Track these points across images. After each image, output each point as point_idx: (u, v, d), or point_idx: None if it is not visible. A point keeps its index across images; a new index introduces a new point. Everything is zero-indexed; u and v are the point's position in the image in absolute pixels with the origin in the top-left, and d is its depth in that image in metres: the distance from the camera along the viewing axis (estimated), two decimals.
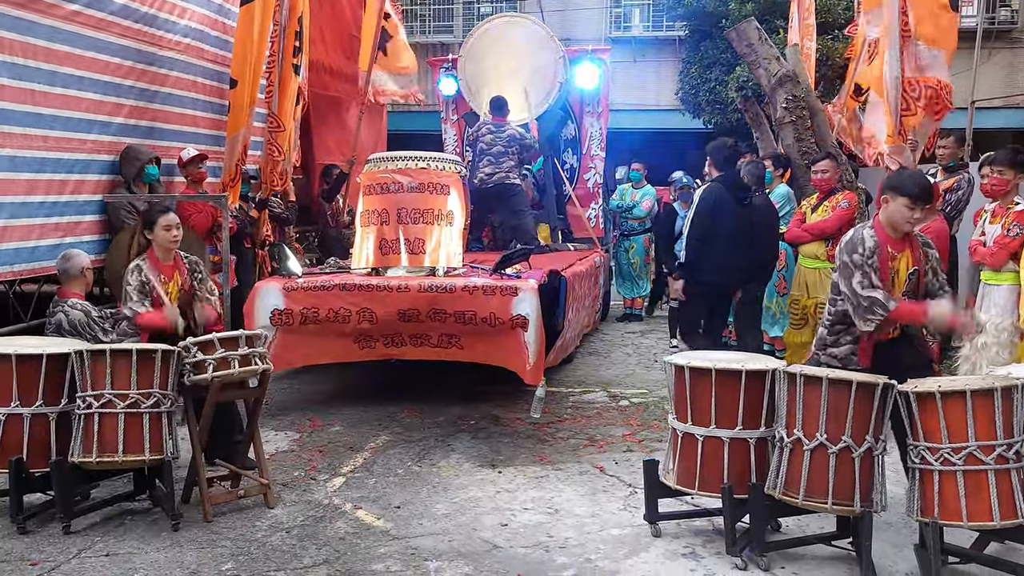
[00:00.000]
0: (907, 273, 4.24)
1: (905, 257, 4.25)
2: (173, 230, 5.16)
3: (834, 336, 4.36)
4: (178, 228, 5.20)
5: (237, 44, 7.78)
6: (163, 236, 5.13)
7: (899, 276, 4.24)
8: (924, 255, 4.32)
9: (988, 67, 16.22)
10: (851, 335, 4.30)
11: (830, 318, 4.36)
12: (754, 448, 4.21)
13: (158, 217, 5.15)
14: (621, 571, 4.04)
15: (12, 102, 6.08)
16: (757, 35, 8.34)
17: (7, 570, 4.02)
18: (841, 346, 4.33)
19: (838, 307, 4.30)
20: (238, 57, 7.74)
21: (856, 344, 4.29)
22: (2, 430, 4.52)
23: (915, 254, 4.28)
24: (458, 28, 18.66)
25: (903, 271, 4.24)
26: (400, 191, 6.74)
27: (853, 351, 4.30)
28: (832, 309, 4.35)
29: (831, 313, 4.36)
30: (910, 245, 4.28)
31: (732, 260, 6.50)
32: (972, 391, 3.74)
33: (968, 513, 3.72)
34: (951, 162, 7.15)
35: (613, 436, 6.13)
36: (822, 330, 4.43)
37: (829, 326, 4.38)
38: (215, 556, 4.17)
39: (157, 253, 5.18)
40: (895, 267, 4.23)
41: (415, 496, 4.98)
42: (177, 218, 5.23)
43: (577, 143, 10.99)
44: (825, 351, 4.38)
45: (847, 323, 4.28)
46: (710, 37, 14.46)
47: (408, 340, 6.35)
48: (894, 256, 4.23)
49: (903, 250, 4.25)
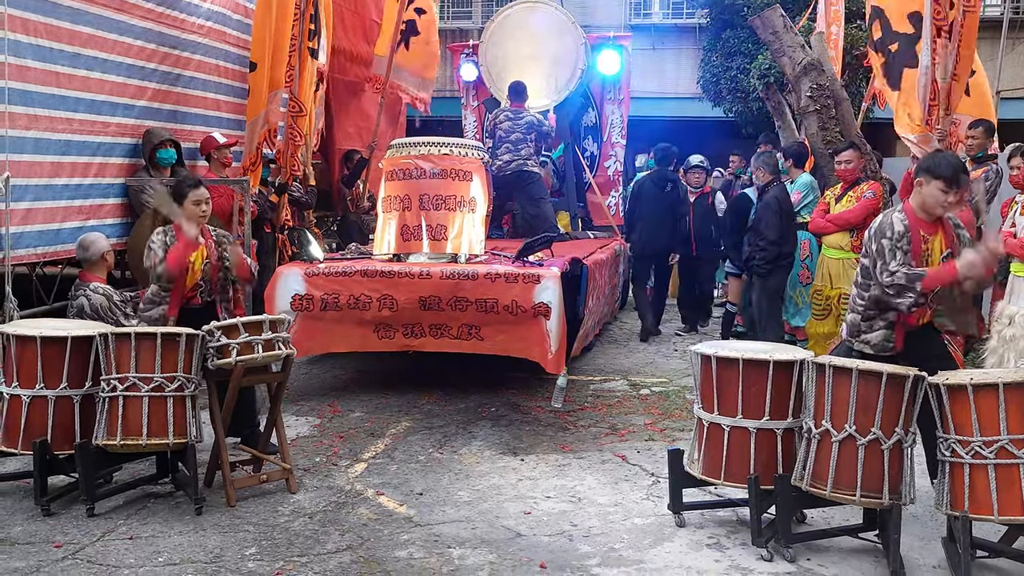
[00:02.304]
0: (940, 256, 4.20)
1: (938, 240, 4.21)
2: (202, 205, 5.12)
3: (868, 322, 4.31)
4: (207, 203, 5.16)
5: (256, 27, 7.76)
6: (192, 210, 5.11)
7: (932, 259, 4.20)
8: (957, 237, 4.27)
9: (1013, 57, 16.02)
10: (884, 320, 4.27)
11: (862, 303, 4.32)
12: (781, 439, 4.17)
13: (188, 191, 5.13)
14: (645, 560, 4.02)
15: (37, 84, 6.09)
16: (782, 23, 8.26)
17: (32, 551, 4.04)
18: (875, 331, 4.29)
19: (872, 292, 4.26)
20: (257, 40, 7.72)
21: (890, 329, 4.26)
22: (27, 412, 4.54)
23: (948, 237, 4.24)
24: (477, 14, 18.60)
25: (936, 254, 4.20)
26: (422, 177, 6.71)
27: (887, 337, 4.26)
28: (864, 295, 4.31)
29: (863, 299, 4.32)
30: (943, 228, 4.24)
31: (652, 234, 9.14)
32: (1005, 384, 3.69)
33: (999, 507, 3.67)
34: (979, 152, 7.06)
35: (634, 425, 6.10)
36: (854, 316, 4.39)
37: (862, 311, 4.34)
38: (238, 540, 4.18)
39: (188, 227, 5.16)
40: (928, 249, 4.20)
41: (437, 483, 4.97)
42: (207, 193, 5.18)
43: (598, 130, 10.91)
44: (859, 338, 4.34)
45: (880, 308, 4.25)
46: (732, 25, 14.33)
47: (428, 331, 6.32)
48: (926, 239, 4.20)
49: (935, 233, 4.22)
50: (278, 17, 7.67)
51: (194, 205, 5.11)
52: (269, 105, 7.78)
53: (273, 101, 7.82)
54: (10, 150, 5.85)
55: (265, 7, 7.64)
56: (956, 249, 4.23)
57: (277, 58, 7.76)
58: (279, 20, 7.69)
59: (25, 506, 4.56)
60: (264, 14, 7.64)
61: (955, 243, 4.25)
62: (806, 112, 8.11)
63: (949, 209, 4.22)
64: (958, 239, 4.27)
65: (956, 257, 4.16)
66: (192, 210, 5.11)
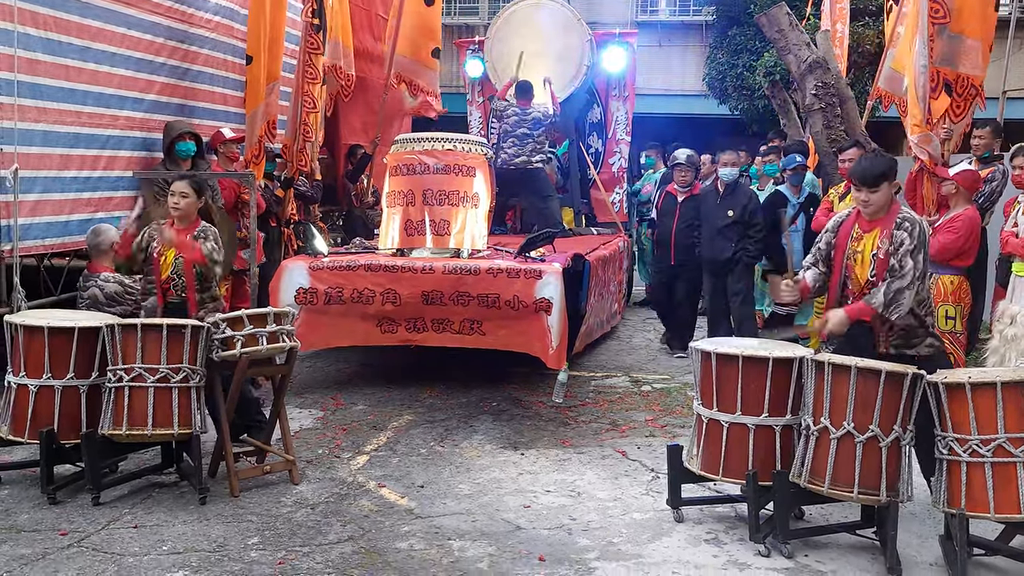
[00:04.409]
0: (871, 253, 4.23)
1: (872, 238, 4.25)
2: (175, 196, 5.07)
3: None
4: (181, 196, 5.05)
5: (251, 19, 7.73)
6: (169, 200, 5.12)
7: (863, 255, 4.26)
8: (890, 238, 4.20)
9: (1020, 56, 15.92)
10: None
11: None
12: (779, 435, 4.20)
13: (171, 185, 5.19)
14: (644, 555, 4.06)
15: (46, 77, 6.14)
16: (788, 21, 8.27)
17: (38, 539, 4.09)
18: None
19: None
20: (252, 32, 7.72)
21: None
22: (34, 402, 4.60)
23: (882, 237, 4.22)
24: (483, 10, 18.60)
25: (867, 251, 4.25)
26: (426, 172, 6.74)
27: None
28: None
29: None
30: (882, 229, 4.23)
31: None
32: (1003, 383, 3.72)
33: (996, 505, 3.71)
34: (986, 153, 7.05)
35: (635, 421, 6.13)
36: None
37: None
38: (241, 531, 4.22)
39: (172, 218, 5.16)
40: (858, 246, 4.28)
41: (438, 476, 5.02)
42: (183, 187, 5.10)
43: (602, 127, 10.92)
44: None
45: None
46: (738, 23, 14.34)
47: (430, 325, 6.36)
48: (860, 237, 4.29)
49: (871, 231, 4.26)
50: (272, 9, 7.69)
51: (169, 196, 5.12)
52: (268, 98, 7.78)
53: (272, 94, 7.82)
54: (19, 142, 5.90)
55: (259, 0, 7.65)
56: (883, 247, 4.18)
57: (273, 51, 7.76)
58: (274, 12, 7.70)
59: (31, 494, 4.61)
60: (258, 6, 7.63)
61: (889, 240, 4.18)
62: (811, 110, 8.13)
63: (865, 206, 4.26)
64: (891, 240, 4.18)
65: (882, 251, 4.18)
66: (169, 200, 5.12)
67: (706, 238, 7.75)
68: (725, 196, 7.62)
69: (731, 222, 7.52)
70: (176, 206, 5.08)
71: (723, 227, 7.55)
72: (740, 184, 7.73)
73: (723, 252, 7.55)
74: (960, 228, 5.94)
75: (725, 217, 7.54)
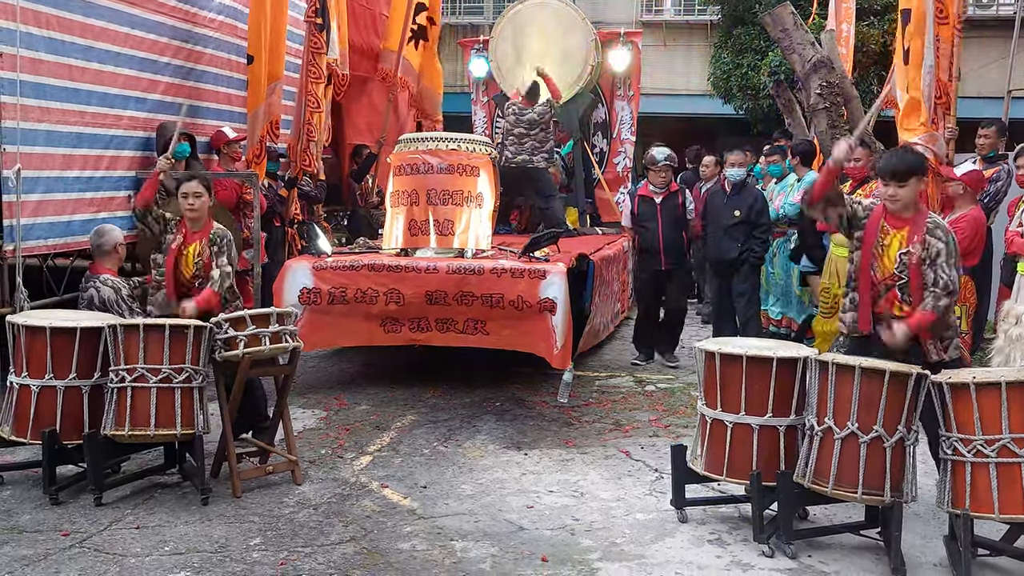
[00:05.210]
0: (897, 252, 4.22)
1: (900, 236, 4.22)
2: (189, 198, 5.10)
3: (846, 298, 4.45)
4: (195, 197, 5.10)
5: (251, 19, 7.77)
6: (181, 203, 5.15)
7: (889, 252, 4.24)
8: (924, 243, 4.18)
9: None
10: (852, 301, 4.38)
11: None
12: (783, 436, 4.18)
13: (180, 185, 5.19)
14: (647, 555, 4.04)
15: (50, 76, 6.15)
16: (792, 20, 8.23)
17: (40, 540, 4.09)
18: (847, 311, 4.42)
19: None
20: (253, 32, 7.74)
21: (856, 311, 4.34)
22: (36, 402, 4.60)
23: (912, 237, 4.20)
24: (488, 9, 18.60)
25: (893, 249, 4.23)
26: (430, 172, 6.74)
27: (855, 318, 4.34)
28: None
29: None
30: (913, 228, 4.21)
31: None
32: (1008, 383, 3.70)
33: (1000, 505, 3.69)
34: (991, 152, 7.04)
35: (639, 421, 6.12)
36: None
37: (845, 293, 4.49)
38: (243, 531, 4.22)
39: (186, 220, 5.20)
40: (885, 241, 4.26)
41: (441, 476, 5.01)
42: (196, 187, 5.13)
43: (607, 127, 10.91)
44: (844, 322, 4.45)
45: (851, 287, 4.39)
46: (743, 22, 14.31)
47: (434, 325, 6.36)
48: (887, 231, 4.26)
49: (900, 229, 4.23)
50: (273, 8, 7.69)
51: (182, 198, 5.14)
52: (269, 97, 7.80)
53: (273, 93, 7.83)
54: (22, 142, 5.91)
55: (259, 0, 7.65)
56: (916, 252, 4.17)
57: (274, 51, 7.77)
58: (275, 11, 7.71)
59: (34, 495, 4.61)
60: (259, 6, 7.64)
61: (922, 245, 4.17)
62: (816, 109, 8.09)
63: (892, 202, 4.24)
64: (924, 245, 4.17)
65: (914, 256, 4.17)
66: (181, 202, 5.14)
67: (712, 238, 7.72)
68: (732, 196, 7.59)
69: (737, 222, 7.48)
70: (192, 207, 5.12)
71: (729, 227, 7.51)
72: (747, 184, 7.69)
73: (729, 252, 7.51)
74: (965, 228, 5.92)
75: (732, 217, 7.50)
